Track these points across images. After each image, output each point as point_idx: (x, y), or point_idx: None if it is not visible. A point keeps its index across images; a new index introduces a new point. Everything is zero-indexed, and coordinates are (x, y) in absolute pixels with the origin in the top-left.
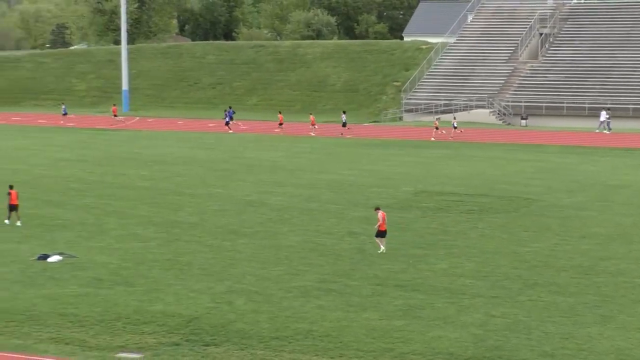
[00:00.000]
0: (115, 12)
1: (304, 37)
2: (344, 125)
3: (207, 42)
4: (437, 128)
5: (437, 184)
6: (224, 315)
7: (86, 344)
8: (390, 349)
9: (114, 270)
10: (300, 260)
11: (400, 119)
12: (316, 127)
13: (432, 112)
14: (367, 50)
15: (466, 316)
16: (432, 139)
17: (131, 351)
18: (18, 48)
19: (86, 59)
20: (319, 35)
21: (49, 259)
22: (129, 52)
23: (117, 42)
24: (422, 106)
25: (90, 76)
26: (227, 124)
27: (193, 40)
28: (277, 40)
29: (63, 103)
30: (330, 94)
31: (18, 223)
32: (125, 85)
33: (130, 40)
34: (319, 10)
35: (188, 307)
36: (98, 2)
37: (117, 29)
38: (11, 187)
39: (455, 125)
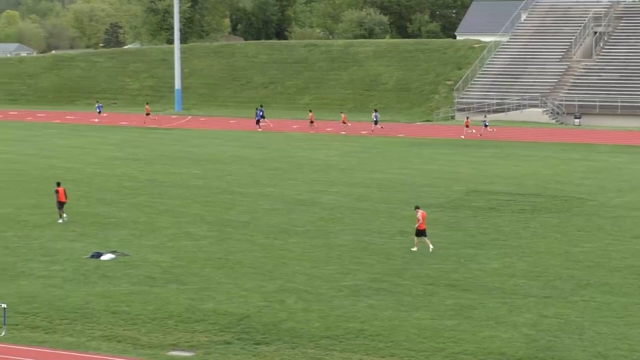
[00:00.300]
0: (168, 12)
1: (356, 36)
2: (376, 123)
3: (260, 41)
4: (467, 126)
5: (488, 184)
6: (275, 314)
7: (138, 342)
8: (441, 349)
9: (166, 269)
10: (351, 259)
11: (452, 118)
12: (348, 125)
13: (484, 111)
14: (420, 49)
15: (518, 316)
16: (462, 137)
17: (183, 349)
18: (72, 47)
19: (139, 58)
20: (371, 34)
21: (102, 257)
22: (182, 52)
23: (170, 41)
24: (474, 105)
25: (143, 75)
26: (257, 122)
27: (245, 39)
28: (329, 39)
29: (98, 101)
30: (382, 92)
31: (61, 220)
32: (177, 85)
33: (183, 40)
34: (371, 10)
35: (239, 306)
36: (151, 2)
37: (170, 28)
38: (58, 184)
39: (487, 124)
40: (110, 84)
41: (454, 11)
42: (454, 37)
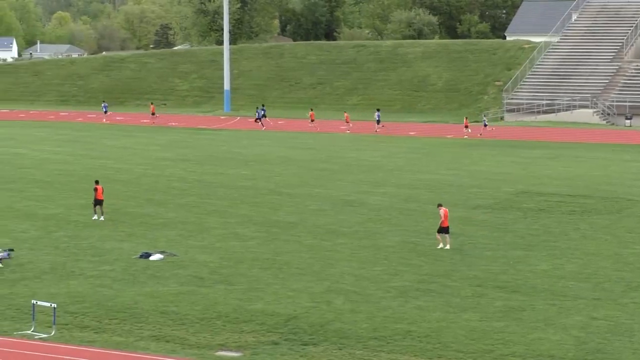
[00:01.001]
0: (218, 13)
1: (405, 37)
2: (378, 122)
3: (308, 42)
4: (466, 126)
5: (538, 185)
6: (323, 314)
7: (186, 342)
8: (490, 351)
9: (214, 269)
10: (399, 260)
11: (502, 119)
12: (351, 125)
13: (534, 112)
14: (469, 50)
15: (567, 318)
16: (465, 136)
17: (230, 349)
18: (123, 48)
19: (189, 59)
20: (420, 34)
21: (151, 257)
22: (231, 53)
23: (220, 42)
24: (524, 106)
25: (192, 76)
26: (257, 120)
27: (294, 40)
28: (378, 39)
29: (104, 101)
30: (430, 93)
31: (101, 218)
32: (227, 86)
33: (233, 41)
34: (420, 10)
35: (287, 306)
36: (201, 3)
37: (220, 30)
38: (97, 182)
39: (486, 124)
40: (160, 85)
41: (504, 11)
42: (504, 37)
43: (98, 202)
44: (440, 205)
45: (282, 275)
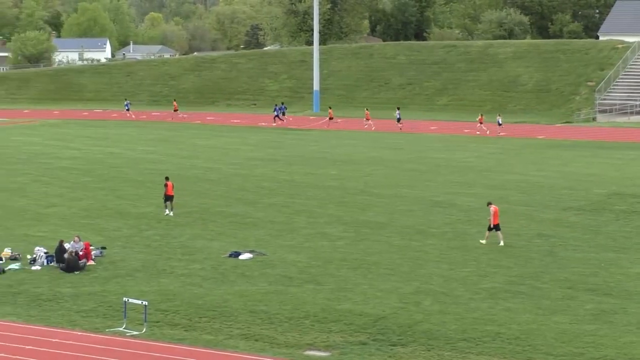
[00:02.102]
0: (308, 13)
1: (495, 37)
2: (399, 120)
3: (398, 42)
4: (481, 123)
5: (630, 186)
6: (411, 315)
7: (275, 341)
8: (580, 354)
9: (302, 269)
10: (489, 261)
11: (594, 119)
12: (371, 122)
13: (626, 112)
14: (561, 50)
15: None
16: (478, 133)
17: (319, 349)
18: (213, 49)
19: (279, 59)
20: (511, 34)
21: (240, 257)
22: (321, 53)
23: (310, 42)
24: (617, 107)
25: (282, 76)
26: (277, 117)
27: (384, 40)
28: (468, 40)
29: (126, 99)
30: (521, 94)
31: (171, 213)
32: (316, 86)
33: (322, 41)
34: (511, 10)
35: (375, 307)
36: (292, 4)
37: (310, 30)
38: (167, 178)
39: (500, 123)
40: (250, 85)
41: (597, 11)
42: (597, 37)
43: (168, 198)
44: (490, 203)
45: (370, 276)
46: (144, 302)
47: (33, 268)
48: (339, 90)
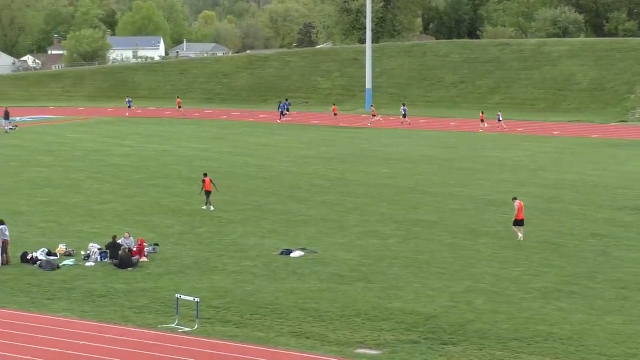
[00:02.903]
0: (361, 12)
1: (549, 35)
2: (404, 116)
3: (451, 40)
4: (482, 121)
5: None
6: (463, 314)
7: (326, 339)
8: (634, 355)
9: (354, 267)
10: (541, 261)
11: None
12: (379, 118)
13: None
14: (616, 49)
15: None
16: (481, 130)
17: (370, 347)
18: (267, 47)
19: (331, 57)
20: (565, 33)
21: (292, 254)
22: (374, 51)
23: (362, 41)
24: None
25: (334, 75)
26: (282, 113)
27: (437, 39)
28: (522, 38)
29: (128, 96)
30: (575, 93)
31: (211, 208)
32: (368, 84)
33: (375, 39)
34: (566, 8)
35: (427, 306)
36: (345, 2)
37: (363, 28)
38: (205, 175)
39: (500, 119)
40: (302, 83)
41: None
42: None
43: (206, 194)
44: (515, 198)
45: (422, 274)
46: (196, 299)
47: (87, 264)
48: (391, 89)
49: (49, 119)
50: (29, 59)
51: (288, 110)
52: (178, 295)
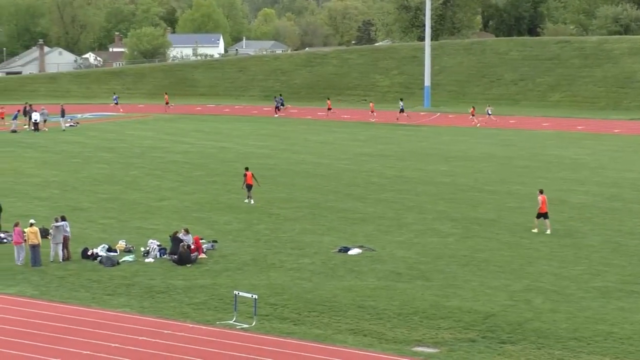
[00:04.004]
0: (420, 9)
1: (610, 33)
2: (402, 111)
3: (511, 38)
4: (473, 115)
5: None
6: (521, 313)
7: (383, 337)
8: None
9: (411, 265)
10: (601, 260)
11: None
12: (375, 114)
13: None
14: None
15: None
16: (475, 123)
17: (427, 345)
18: (325, 44)
19: (390, 55)
20: (627, 30)
21: (350, 252)
22: (432, 49)
23: (421, 38)
24: None
25: (393, 72)
26: (277, 108)
27: (497, 36)
28: (582, 35)
29: (115, 93)
30: (636, 90)
31: (251, 202)
32: (427, 82)
33: (434, 37)
34: (627, 5)
35: (485, 304)
36: None
37: (422, 26)
38: (247, 168)
39: (490, 113)
40: (361, 80)
41: None
42: None
43: (248, 187)
44: (541, 191)
45: (480, 273)
46: (254, 296)
47: (146, 260)
48: (450, 86)
49: (110, 116)
50: (91, 57)
51: (282, 104)
52: (236, 292)
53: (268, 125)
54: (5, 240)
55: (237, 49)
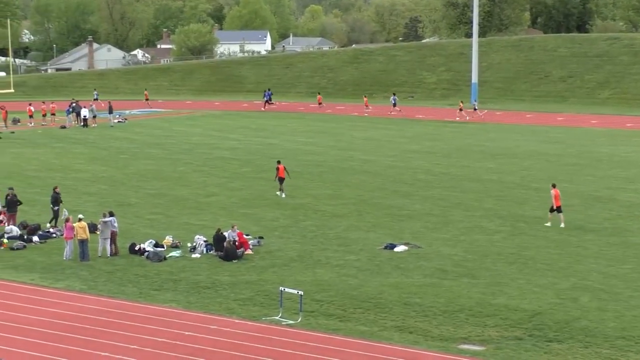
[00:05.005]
0: (467, 5)
1: None
2: (394, 105)
3: (559, 34)
4: (461, 109)
5: None
6: (568, 311)
7: (429, 334)
8: None
9: (458, 262)
10: None
11: None
12: (370, 109)
13: None
14: None
15: None
16: (457, 118)
17: (473, 343)
18: (372, 41)
19: (437, 52)
20: None
21: (396, 249)
22: (480, 45)
23: (469, 35)
24: None
25: (440, 69)
26: (267, 102)
27: (545, 33)
28: (632, 32)
29: (95, 89)
30: None
31: (283, 195)
32: (474, 78)
33: (482, 34)
34: None
35: (531, 302)
36: None
37: (469, 22)
38: (279, 162)
39: (476, 108)
40: (407, 77)
41: None
42: None
43: (280, 180)
44: (554, 185)
45: (527, 270)
46: (299, 292)
47: (193, 256)
48: (498, 83)
49: (157, 112)
50: (139, 53)
51: (270, 99)
52: (282, 288)
53: (314, 122)
54: (54, 235)
55: (284, 46)
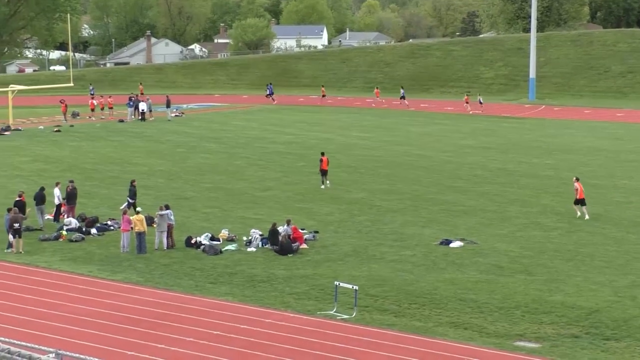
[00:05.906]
0: (525, 0)
1: None
2: (403, 98)
3: (619, 29)
4: (467, 102)
5: None
6: (626, 309)
7: (484, 330)
8: None
9: (514, 258)
10: None
11: None
12: (380, 99)
13: None
14: None
15: None
16: (469, 111)
17: (529, 340)
18: (429, 36)
19: (494, 47)
20: None
21: (451, 244)
22: (538, 40)
23: (527, 29)
24: None
25: (498, 64)
26: (268, 95)
27: (604, 27)
28: None
29: (91, 84)
30: None
31: (327, 185)
32: (532, 74)
33: (540, 28)
34: None
35: (588, 300)
36: None
37: (527, 17)
38: (322, 154)
39: (481, 101)
40: (464, 72)
41: None
42: None
43: (323, 172)
44: (577, 179)
45: (584, 268)
46: (354, 287)
47: (248, 249)
48: (556, 78)
49: (215, 106)
50: (196, 48)
51: (272, 92)
52: (337, 283)
53: (370, 116)
54: (112, 228)
55: (340, 40)
